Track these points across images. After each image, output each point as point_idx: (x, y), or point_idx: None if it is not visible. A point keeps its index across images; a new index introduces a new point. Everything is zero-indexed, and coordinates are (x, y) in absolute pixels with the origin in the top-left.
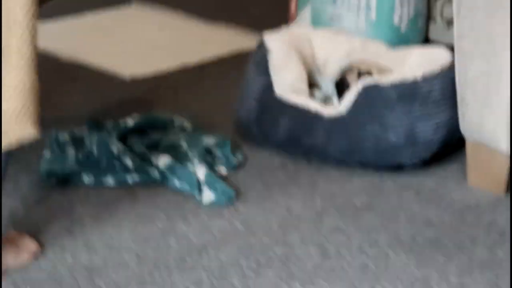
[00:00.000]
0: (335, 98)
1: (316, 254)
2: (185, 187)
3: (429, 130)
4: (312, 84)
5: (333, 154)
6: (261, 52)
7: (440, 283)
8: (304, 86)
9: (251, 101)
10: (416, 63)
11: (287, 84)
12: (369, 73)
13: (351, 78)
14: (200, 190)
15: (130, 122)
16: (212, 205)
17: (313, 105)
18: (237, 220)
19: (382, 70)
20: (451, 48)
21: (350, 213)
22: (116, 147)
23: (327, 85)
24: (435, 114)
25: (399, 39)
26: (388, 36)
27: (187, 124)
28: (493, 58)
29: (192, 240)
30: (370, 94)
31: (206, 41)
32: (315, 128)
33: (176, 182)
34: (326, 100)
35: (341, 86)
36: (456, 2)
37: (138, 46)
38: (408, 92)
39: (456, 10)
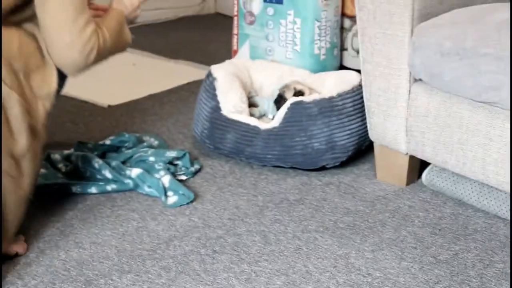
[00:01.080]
0: (270, 114)
1: (259, 241)
2: (154, 192)
3: (344, 137)
4: (251, 105)
5: (270, 160)
6: (209, 80)
7: (357, 258)
8: (245, 106)
9: (203, 121)
10: (332, 84)
11: (231, 106)
12: (301, 92)
13: (288, 95)
14: (165, 194)
15: (107, 141)
16: (175, 206)
17: (252, 121)
18: (196, 217)
19: (312, 90)
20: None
21: (286, 207)
22: (97, 162)
23: (264, 104)
24: (349, 124)
25: (319, 66)
26: (310, 64)
27: (153, 142)
28: (391, 77)
29: (161, 235)
30: (297, 110)
31: (169, 74)
32: (254, 139)
33: (146, 189)
34: (263, 116)
35: (280, 102)
36: (360, 33)
37: (114, 80)
38: (326, 107)
39: (360, 40)
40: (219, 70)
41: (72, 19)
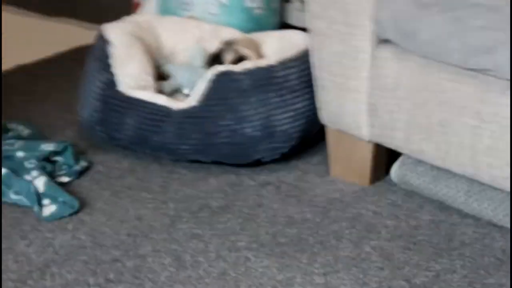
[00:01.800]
0: (186, 89)
1: (171, 265)
2: (23, 200)
3: (287, 120)
4: (160, 77)
5: (185, 152)
6: (101, 45)
7: (304, 285)
8: (150, 79)
9: (93, 101)
10: (271, 48)
11: (131, 79)
12: (244, 58)
13: (227, 57)
14: (39, 203)
15: None
16: (53, 218)
17: (161, 100)
18: (82, 233)
19: (261, 56)
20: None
21: (206, 217)
22: None
23: (179, 74)
24: (293, 102)
25: (253, 24)
26: (241, 21)
27: (22, 130)
28: (349, 38)
29: (34, 259)
30: (223, 83)
31: (45, 38)
32: (164, 124)
33: (13, 196)
34: (176, 92)
35: (213, 65)
36: None
37: None
38: (263, 79)
39: None
40: (114, 31)
41: None
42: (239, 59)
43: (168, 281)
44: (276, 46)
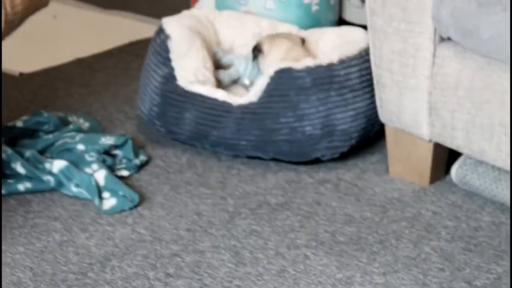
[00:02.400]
0: (247, 80)
1: (229, 261)
2: (83, 193)
3: (347, 120)
4: (218, 67)
5: (244, 148)
6: (160, 39)
7: (364, 284)
8: (209, 74)
9: (152, 95)
10: (330, 45)
11: (190, 73)
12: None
13: (265, 47)
14: (100, 196)
15: (19, 123)
16: (113, 211)
17: (220, 94)
18: (141, 227)
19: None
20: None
21: (265, 214)
22: (4, 152)
23: (241, 64)
24: (353, 102)
25: (310, 20)
26: (298, 17)
27: (83, 123)
28: (408, 35)
29: (94, 252)
30: (283, 80)
31: (102, 31)
32: (223, 120)
33: (73, 189)
34: (235, 82)
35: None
36: None
37: (28, 39)
38: (323, 77)
39: None
40: (173, 25)
41: None
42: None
43: (227, 277)
44: (334, 43)
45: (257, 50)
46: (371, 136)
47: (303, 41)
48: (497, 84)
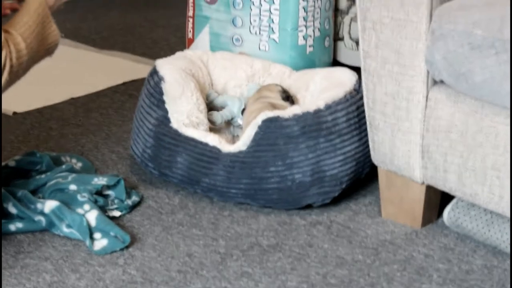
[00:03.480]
0: (240, 120)
1: None
2: (75, 233)
3: (336, 165)
4: (211, 109)
5: (235, 196)
6: (154, 81)
7: None
8: (203, 116)
9: (146, 137)
10: (318, 88)
11: (184, 116)
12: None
13: (248, 104)
14: (91, 236)
15: (11, 162)
16: (104, 252)
17: (212, 139)
18: (132, 268)
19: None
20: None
21: (257, 255)
22: None
23: (234, 104)
24: (342, 146)
25: (305, 61)
26: (292, 58)
27: (75, 163)
28: (402, 78)
29: None
30: (271, 129)
31: (97, 71)
32: (214, 167)
33: (65, 229)
34: (228, 123)
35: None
36: (360, 17)
37: (22, 78)
38: (311, 125)
39: (361, 27)
40: (167, 67)
41: None
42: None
43: None
44: (322, 86)
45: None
46: (362, 179)
47: (285, 92)
48: (490, 128)
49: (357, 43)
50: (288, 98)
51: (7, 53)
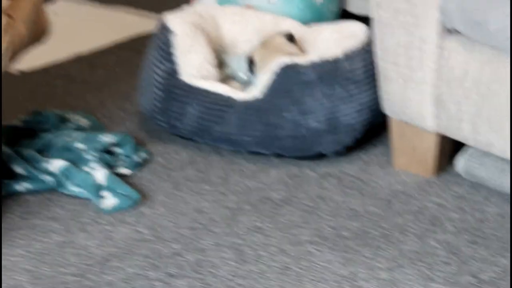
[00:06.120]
0: (242, 74)
1: (232, 259)
2: (83, 192)
3: (352, 114)
4: (221, 65)
5: (247, 144)
6: (164, 35)
7: (368, 279)
8: (212, 69)
9: (154, 90)
10: (330, 40)
11: (193, 69)
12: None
13: (257, 57)
14: (100, 195)
15: (18, 123)
16: (114, 211)
17: (224, 89)
18: (143, 226)
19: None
20: (369, 19)
21: (268, 210)
22: (3, 153)
23: (233, 62)
24: (358, 96)
25: (314, 14)
26: (301, 11)
27: (82, 121)
28: (414, 29)
29: (94, 253)
30: (288, 76)
31: (101, 26)
32: (227, 115)
33: (73, 188)
34: (231, 80)
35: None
36: None
37: None
38: (329, 72)
39: None
40: (176, 21)
41: None
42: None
43: (230, 275)
44: (334, 37)
45: (251, 63)
46: (374, 128)
47: (291, 37)
48: (505, 77)
49: None
50: (292, 39)
51: (10, 37)
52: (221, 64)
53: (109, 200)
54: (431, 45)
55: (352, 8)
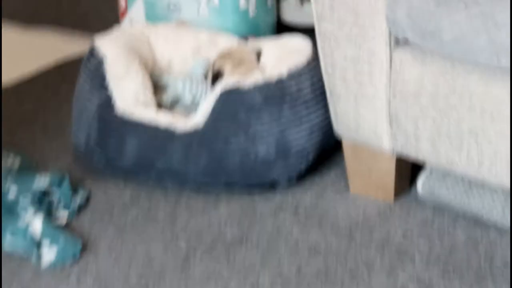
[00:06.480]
0: (188, 94)
1: None
2: (19, 246)
3: (303, 137)
4: (156, 88)
5: (193, 177)
6: (95, 60)
7: None
8: (150, 95)
9: (89, 124)
10: (275, 57)
11: (130, 96)
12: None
13: (227, 68)
14: (38, 247)
15: None
16: (55, 265)
17: (165, 118)
18: (88, 278)
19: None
20: (308, 31)
21: (222, 252)
22: None
23: (178, 84)
24: (308, 117)
25: (249, 26)
26: (235, 23)
27: (12, 161)
28: (362, 40)
29: None
30: (231, 100)
31: (26, 52)
32: (169, 146)
33: (7, 242)
34: (176, 103)
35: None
36: None
37: None
38: (275, 93)
39: None
40: (107, 44)
41: None
42: (217, 74)
43: None
44: (275, 55)
45: (219, 75)
46: (328, 150)
47: (258, 54)
48: (463, 89)
49: (301, 0)
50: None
51: None
52: (159, 88)
53: (48, 254)
54: (380, 57)
55: (288, 17)
